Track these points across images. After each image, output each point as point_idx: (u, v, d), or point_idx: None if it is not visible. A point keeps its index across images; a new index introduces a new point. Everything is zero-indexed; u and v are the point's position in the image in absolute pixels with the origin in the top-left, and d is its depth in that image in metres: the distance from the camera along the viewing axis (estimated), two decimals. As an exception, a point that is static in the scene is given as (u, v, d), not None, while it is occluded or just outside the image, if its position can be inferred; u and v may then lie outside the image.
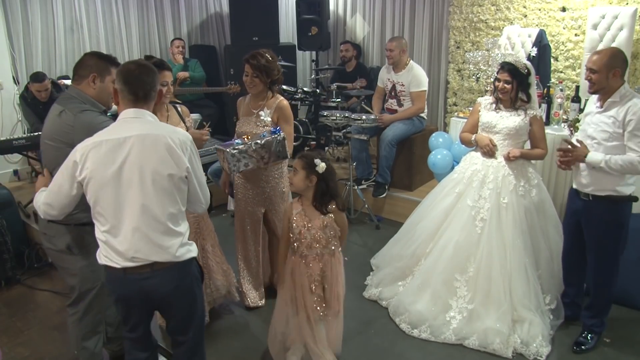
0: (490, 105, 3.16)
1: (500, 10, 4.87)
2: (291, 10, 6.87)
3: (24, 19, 5.17)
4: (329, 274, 2.52)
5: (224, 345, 2.91)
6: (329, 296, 2.53)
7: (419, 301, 3.05)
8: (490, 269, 2.93)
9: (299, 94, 5.40)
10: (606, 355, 2.78)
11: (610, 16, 4.01)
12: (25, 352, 2.92)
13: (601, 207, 2.63)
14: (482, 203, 3.04)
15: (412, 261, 3.30)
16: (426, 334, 2.93)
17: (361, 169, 4.79)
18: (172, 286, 1.94)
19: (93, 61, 2.30)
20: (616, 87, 2.54)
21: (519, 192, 3.02)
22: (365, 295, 3.39)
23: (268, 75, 2.96)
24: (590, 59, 2.57)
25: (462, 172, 3.23)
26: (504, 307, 2.85)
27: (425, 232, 3.28)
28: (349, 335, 2.99)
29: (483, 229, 3.00)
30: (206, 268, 3.08)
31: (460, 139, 3.32)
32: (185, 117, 2.91)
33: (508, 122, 3.05)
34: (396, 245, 3.52)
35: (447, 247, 3.08)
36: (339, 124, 4.43)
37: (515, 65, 2.99)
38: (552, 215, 3.13)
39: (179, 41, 5.91)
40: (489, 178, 3.07)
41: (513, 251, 2.94)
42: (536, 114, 3.05)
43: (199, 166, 2.01)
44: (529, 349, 2.77)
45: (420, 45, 5.73)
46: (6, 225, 3.72)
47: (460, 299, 2.99)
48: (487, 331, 2.82)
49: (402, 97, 4.63)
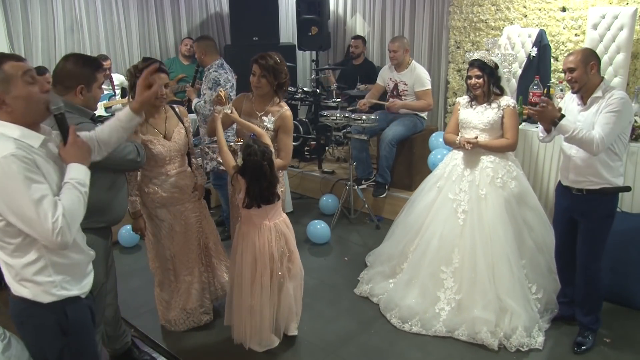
0: (467, 104, 3.24)
1: (501, 10, 4.87)
2: (291, 10, 6.86)
3: (24, 19, 5.17)
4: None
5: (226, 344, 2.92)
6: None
7: (409, 296, 3.12)
8: (474, 259, 2.99)
9: (299, 94, 5.40)
10: (606, 355, 2.77)
11: (610, 16, 4.00)
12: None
13: (596, 200, 2.67)
14: (462, 196, 3.13)
15: (401, 258, 3.39)
16: (417, 328, 2.99)
17: (361, 169, 4.79)
18: (13, 318, 1.72)
19: (78, 70, 2.17)
20: (597, 83, 2.60)
21: (497, 184, 3.07)
22: (357, 292, 3.43)
23: (275, 77, 2.91)
24: (566, 61, 2.65)
25: (444, 167, 3.34)
26: (489, 295, 2.91)
27: (412, 228, 3.37)
28: (348, 335, 3.00)
29: (465, 221, 3.08)
30: (209, 266, 3.11)
31: (445, 140, 3.41)
32: (184, 117, 2.92)
33: (483, 117, 3.14)
34: (388, 244, 3.60)
35: (432, 241, 3.16)
36: (339, 124, 4.43)
37: (482, 60, 3.10)
38: (534, 206, 3.18)
39: (187, 40, 5.88)
40: (467, 171, 3.16)
41: (494, 241, 2.99)
42: (509, 104, 3.12)
43: (11, 198, 1.50)
44: (510, 341, 2.81)
45: (420, 45, 5.73)
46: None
47: (448, 290, 3.05)
48: (474, 320, 2.88)
49: (404, 96, 4.63)
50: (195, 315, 3.04)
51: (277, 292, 2.73)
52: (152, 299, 3.10)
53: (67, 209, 1.57)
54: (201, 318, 3.06)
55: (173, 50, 6.37)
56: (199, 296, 3.03)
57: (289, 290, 2.78)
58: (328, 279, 3.67)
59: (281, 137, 2.95)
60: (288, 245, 2.74)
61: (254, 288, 2.67)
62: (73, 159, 1.67)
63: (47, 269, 1.64)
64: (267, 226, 2.67)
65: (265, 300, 2.69)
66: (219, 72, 3.94)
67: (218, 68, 3.96)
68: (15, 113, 1.58)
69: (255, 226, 2.66)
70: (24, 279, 1.63)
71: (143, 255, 3.01)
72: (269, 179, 2.57)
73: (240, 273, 2.71)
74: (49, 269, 1.64)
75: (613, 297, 3.17)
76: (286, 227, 2.76)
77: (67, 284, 1.69)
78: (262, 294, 2.68)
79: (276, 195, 2.65)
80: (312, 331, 3.03)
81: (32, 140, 1.61)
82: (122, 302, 2.84)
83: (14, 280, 1.65)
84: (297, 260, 2.81)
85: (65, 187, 1.62)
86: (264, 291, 2.68)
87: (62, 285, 1.67)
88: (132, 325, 3.09)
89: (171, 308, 3.02)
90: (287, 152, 2.95)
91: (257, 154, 2.52)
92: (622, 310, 3.14)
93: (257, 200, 2.58)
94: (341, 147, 5.75)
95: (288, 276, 2.76)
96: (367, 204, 4.58)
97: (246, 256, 2.67)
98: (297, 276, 2.83)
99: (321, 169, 5.35)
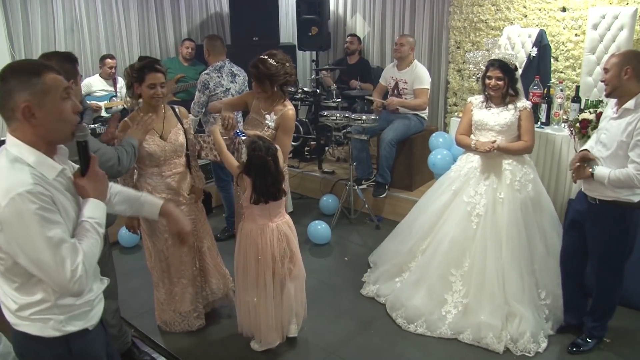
0: (481, 104, 3.19)
1: (501, 10, 4.87)
2: (291, 10, 6.87)
3: (24, 19, 5.17)
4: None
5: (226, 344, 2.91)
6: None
7: (415, 296, 3.09)
8: (484, 264, 2.97)
9: (299, 94, 5.41)
10: (606, 356, 2.77)
11: (610, 16, 4.00)
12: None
13: (608, 211, 2.56)
14: (477, 199, 3.09)
15: (409, 257, 3.35)
16: (422, 329, 2.97)
17: (361, 169, 4.79)
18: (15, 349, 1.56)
19: (65, 66, 2.11)
20: (634, 91, 2.39)
21: (515, 186, 3.04)
22: (363, 293, 3.41)
23: (273, 82, 2.89)
24: (607, 61, 2.50)
25: (459, 170, 3.27)
26: (497, 301, 2.89)
27: (422, 228, 3.33)
28: (349, 335, 3.00)
29: (478, 224, 3.05)
30: (202, 270, 3.06)
31: (458, 141, 3.32)
32: (183, 118, 2.90)
33: (499, 118, 3.09)
34: (393, 242, 3.57)
35: (442, 243, 3.13)
36: (339, 124, 4.43)
37: (504, 60, 3.05)
38: (548, 209, 3.15)
39: (189, 42, 5.86)
40: (485, 174, 3.11)
41: (507, 245, 2.97)
42: (526, 106, 3.09)
43: (25, 240, 1.33)
44: (517, 345, 2.80)
45: (420, 45, 5.73)
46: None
47: (456, 293, 3.03)
48: (480, 325, 2.86)
49: (404, 95, 4.64)
50: (190, 319, 3.02)
51: (280, 292, 2.74)
52: (152, 299, 3.10)
53: (87, 254, 1.41)
54: (194, 323, 3.03)
55: (173, 51, 6.37)
56: (193, 300, 2.99)
57: (290, 291, 2.78)
58: (328, 279, 3.67)
59: (279, 136, 2.95)
60: (290, 246, 2.74)
61: (258, 287, 2.68)
62: (92, 193, 1.51)
63: (53, 310, 1.46)
64: (270, 227, 2.67)
65: (268, 300, 2.69)
66: (211, 75, 3.92)
67: (213, 71, 3.94)
68: (40, 130, 1.41)
69: (258, 226, 2.67)
70: (24, 317, 1.46)
71: (143, 255, 3.01)
72: (274, 175, 2.58)
73: (243, 271, 2.71)
74: (54, 310, 1.46)
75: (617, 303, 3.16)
76: (288, 228, 2.77)
77: (74, 319, 1.51)
78: (265, 293, 2.68)
79: (282, 191, 2.66)
80: (312, 331, 3.03)
81: (48, 170, 1.43)
82: (122, 302, 2.84)
83: (12, 313, 1.47)
84: (298, 261, 2.80)
85: (82, 227, 1.45)
86: (267, 290, 2.68)
87: (67, 321, 1.49)
88: (132, 326, 3.08)
89: (165, 310, 3.01)
90: (284, 152, 2.94)
91: (261, 150, 2.55)
92: (622, 310, 3.13)
93: (264, 197, 2.58)
94: (341, 147, 5.75)
95: (289, 277, 2.76)
96: (367, 204, 4.58)
97: (249, 256, 2.68)
98: (298, 277, 2.83)
99: (321, 169, 5.35)
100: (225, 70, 3.98)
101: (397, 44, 4.62)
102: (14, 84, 1.37)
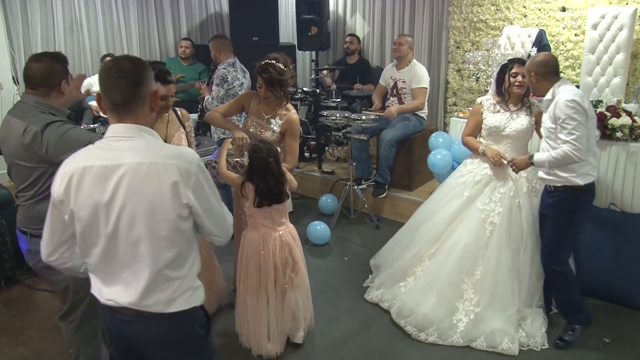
0: (493, 107, 3.11)
1: (500, 10, 4.87)
2: (291, 10, 6.87)
3: (24, 19, 5.17)
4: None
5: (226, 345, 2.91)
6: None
7: (424, 303, 3.00)
8: (496, 273, 2.93)
9: (299, 94, 5.41)
10: (606, 355, 2.77)
11: (610, 16, 4.01)
12: (25, 352, 2.92)
13: (558, 196, 2.72)
14: (492, 206, 3.03)
15: (414, 261, 3.26)
16: (433, 338, 2.89)
17: (361, 169, 4.78)
18: (159, 338, 1.57)
19: (56, 66, 2.13)
20: (547, 88, 2.66)
21: (532, 193, 3.04)
22: (367, 298, 3.35)
23: (282, 87, 2.88)
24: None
25: (472, 175, 3.18)
26: (510, 310, 2.86)
27: (429, 233, 3.25)
28: (348, 336, 3.00)
29: (492, 232, 2.99)
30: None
31: (465, 143, 3.26)
32: (185, 121, 2.89)
33: (515, 123, 3.03)
34: (398, 246, 3.48)
35: (454, 250, 3.05)
36: (339, 124, 4.43)
37: (524, 59, 3.05)
38: None
39: (184, 42, 5.87)
40: (500, 182, 3.07)
41: (525, 253, 2.96)
42: (540, 108, 3.04)
43: (208, 195, 1.56)
44: (535, 339, 2.82)
45: (420, 45, 5.73)
46: (6, 225, 3.71)
47: (467, 301, 2.97)
48: (494, 332, 2.82)
49: (403, 94, 4.64)
50: None
51: (281, 301, 2.72)
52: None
53: None
54: None
55: (173, 50, 6.38)
56: None
57: (291, 300, 2.76)
58: (328, 279, 3.67)
59: (287, 141, 2.94)
60: (292, 256, 2.72)
61: (259, 295, 2.67)
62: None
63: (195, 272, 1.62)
64: (273, 237, 2.67)
65: (270, 308, 2.69)
66: (228, 69, 4.04)
67: (228, 66, 4.06)
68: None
69: (260, 235, 2.66)
70: (190, 287, 1.58)
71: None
72: (276, 176, 2.59)
73: (245, 278, 2.70)
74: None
75: (613, 297, 3.18)
76: (291, 237, 2.75)
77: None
78: (266, 301, 2.68)
79: (285, 193, 2.65)
80: (312, 331, 3.02)
81: None
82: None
83: (174, 294, 1.53)
84: (301, 270, 2.77)
85: None
86: (268, 298, 2.67)
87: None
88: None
89: None
90: (294, 156, 2.94)
91: (263, 151, 2.56)
92: (622, 310, 3.14)
93: (267, 199, 2.58)
94: (341, 147, 5.75)
95: (291, 286, 2.74)
96: (367, 204, 4.58)
97: (251, 264, 2.67)
98: (301, 286, 2.81)
99: (321, 169, 5.35)
100: (237, 65, 4.13)
101: (396, 43, 4.63)
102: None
